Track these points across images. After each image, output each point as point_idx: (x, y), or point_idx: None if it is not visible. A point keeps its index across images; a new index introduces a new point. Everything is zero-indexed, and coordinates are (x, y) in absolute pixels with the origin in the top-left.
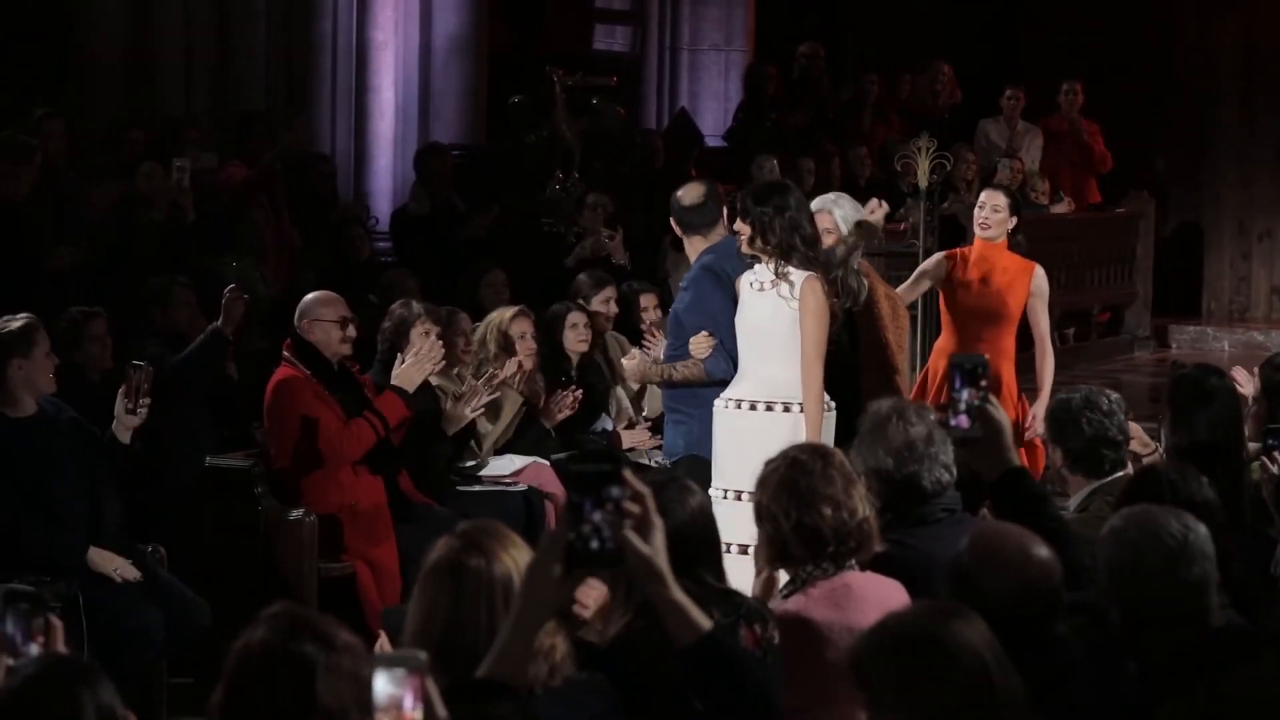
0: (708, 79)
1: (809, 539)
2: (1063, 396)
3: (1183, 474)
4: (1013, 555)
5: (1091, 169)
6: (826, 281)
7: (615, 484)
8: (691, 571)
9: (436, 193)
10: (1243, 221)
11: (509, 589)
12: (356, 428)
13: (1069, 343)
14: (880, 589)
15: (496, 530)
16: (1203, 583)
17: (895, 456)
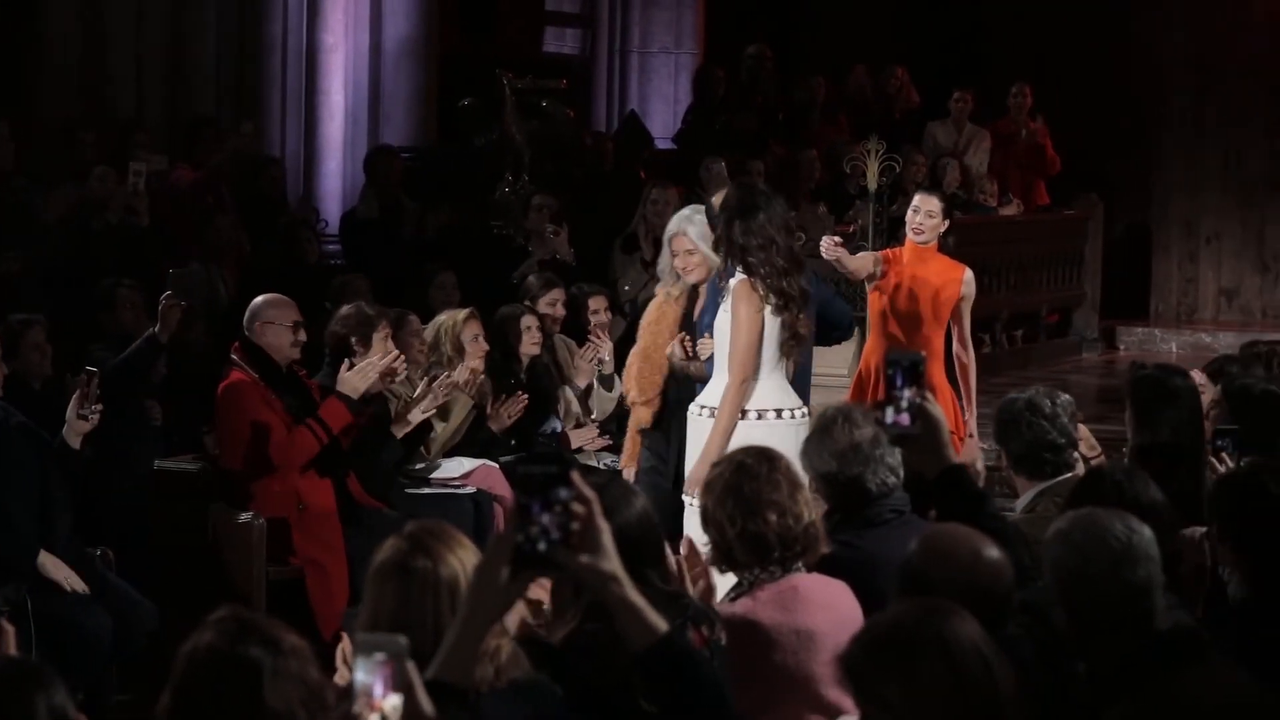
0: (657, 81)
1: (754, 546)
2: (1009, 397)
3: (1130, 475)
4: (964, 556)
5: (1040, 171)
6: (772, 288)
7: (563, 486)
8: (637, 573)
9: (386, 195)
10: (1190, 224)
11: (455, 590)
12: (299, 436)
13: (1017, 344)
14: (827, 591)
15: (443, 531)
16: (1147, 585)
17: (841, 459)
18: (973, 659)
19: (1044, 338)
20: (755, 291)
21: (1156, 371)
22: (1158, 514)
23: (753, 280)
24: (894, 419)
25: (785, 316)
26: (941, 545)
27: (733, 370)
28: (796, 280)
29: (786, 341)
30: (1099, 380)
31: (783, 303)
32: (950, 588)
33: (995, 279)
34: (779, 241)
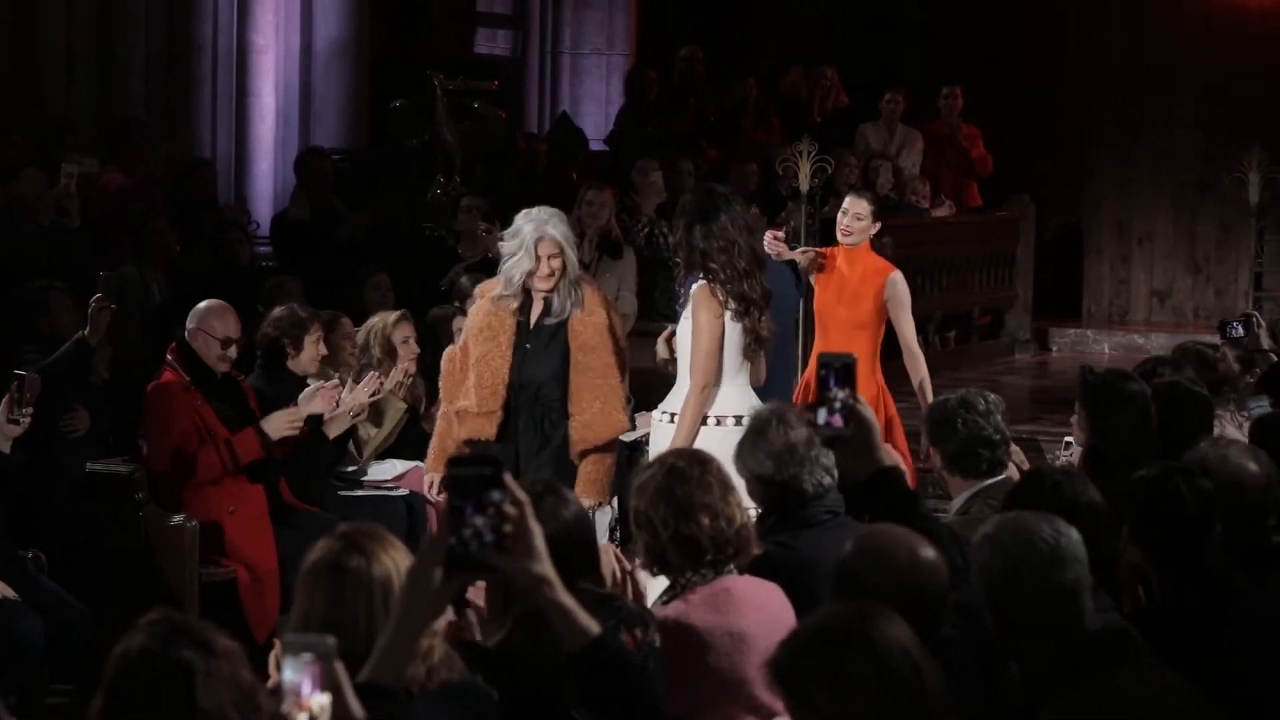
0: (589, 83)
1: (687, 548)
2: (940, 399)
3: (1069, 476)
4: (900, 556)
5: (971, 173)
6: (732, 293)
7: (495, 488)
8: (569, 577)
9: (317, 197)
10: (1122, 224)
11: (388, 590)
12: (205, 455)
13: (950, 345)
14: (759, 592)
15: (376, 532)
16: (1076, 587)
17: (776, 460)
18: (901, 661)
19: (977, 339)
20: (715, 297)
21: (1109, 376)
22: (1096, 515)
23: (712, 285)
24: (826, 420)
25: (746, 321)
26: (877, 546)
27: (694, 376)
28: (759, 281)
29: (749, 346)
30: (1032, 381)
31: (744, 307)
32: (886, 589)
33: (928, 280)
34: (740, 243)
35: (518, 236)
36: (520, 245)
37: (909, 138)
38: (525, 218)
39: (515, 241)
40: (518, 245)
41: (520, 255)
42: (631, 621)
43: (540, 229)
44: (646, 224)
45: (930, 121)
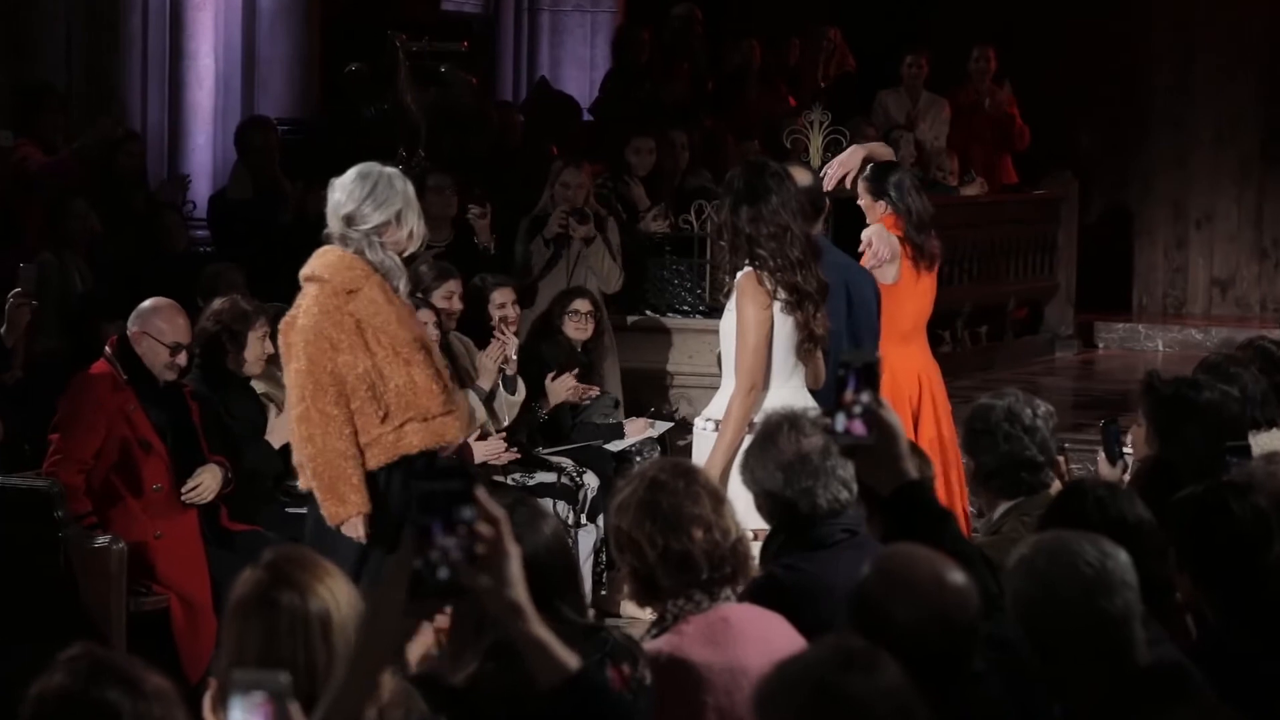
0: (571, 44)
1: (680, 567)
2: (984, 403)
3: (1112, 491)
4: (925, 581)
5: (1006, 145)
6: (782, 283)
7: (466, 505)
8: (549, 604)
9: (261, 174)
10: (1178, 204)
11: (327, 625)
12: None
13: (981, 342)
14: (761, 623)
15: (306, 559)
16: (1125, 615)
17: (787, 471)
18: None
19: (1011, 335)
20: (762, 286)
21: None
22: (1144, 535)
23: (760, 273)
24: (845, 426)
25: (798, 315)
26: (899, 569)
27: (739, 376)
28: (814, 273)
29: (802, 344)
30: (1075, 383)
31: (795, 299)
32: (908, 618)
33: (956, 268)
34: (794, 229)
35: (395, 194)
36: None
37: (934, 106)
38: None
39: (396, 201)
40: (403, 205)
41: (415, 215)
42: (618, 655)
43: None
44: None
45: (958, 87)
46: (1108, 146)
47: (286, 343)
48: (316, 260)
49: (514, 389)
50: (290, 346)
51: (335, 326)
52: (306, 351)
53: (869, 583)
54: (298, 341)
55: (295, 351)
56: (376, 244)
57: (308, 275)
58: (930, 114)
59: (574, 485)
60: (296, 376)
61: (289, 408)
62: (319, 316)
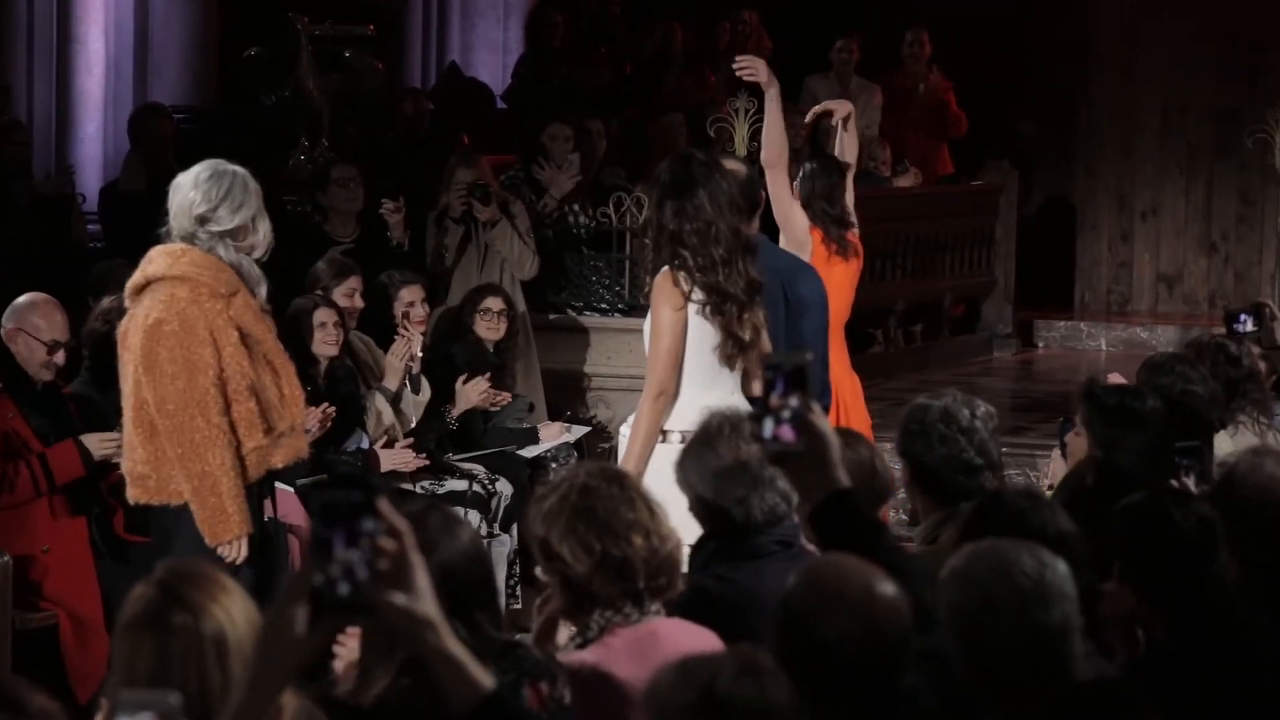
0: (483, 27)
1: (619, 573)
2: (919, 403)
3: (1034, 501)
4: (854, 593)
5: (942, 134)
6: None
7: (369, 516)
8: (465, 617)
9: (155, 165)
10: (1123, 196)
11: (222, 646)
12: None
13: (915, 341)
14: (691, 639)
15: (201, 575)
16: (1063, 628)
17: (724, 478)
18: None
19: (947, 334)
20: (678, 287)
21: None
22: (1068, 547)
23: (676, 274)
24: (773, 432)
25: (719, 318)
26: (827, 581)
27: (647, 382)
28: (741, 271)
29: (724, 347)
30: (1013, 384)
31: (715, 301)
32: (836, 632)
33: (889, 263)
34: (720, 225)
35: (249, 197)
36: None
37: (865, 92)
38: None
39: (250, 200)
40: (258, 205)
41: (264, 220)
42: (537, 674)
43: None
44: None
45: (891, 73)
46: (1049, 134)
47: (150, 348)
48: (174, 260)
49: (418, 388)
50: (158, 352)
51: (220, 331)
52: (187, 357)
53: (794, 594)
54: (173, 346)
55: (169, 356)
56: (230, 247)
57: (173, 275)
58: (861, 101)
59: (486, 493)
60: (173, 384)
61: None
62: (199, 319)
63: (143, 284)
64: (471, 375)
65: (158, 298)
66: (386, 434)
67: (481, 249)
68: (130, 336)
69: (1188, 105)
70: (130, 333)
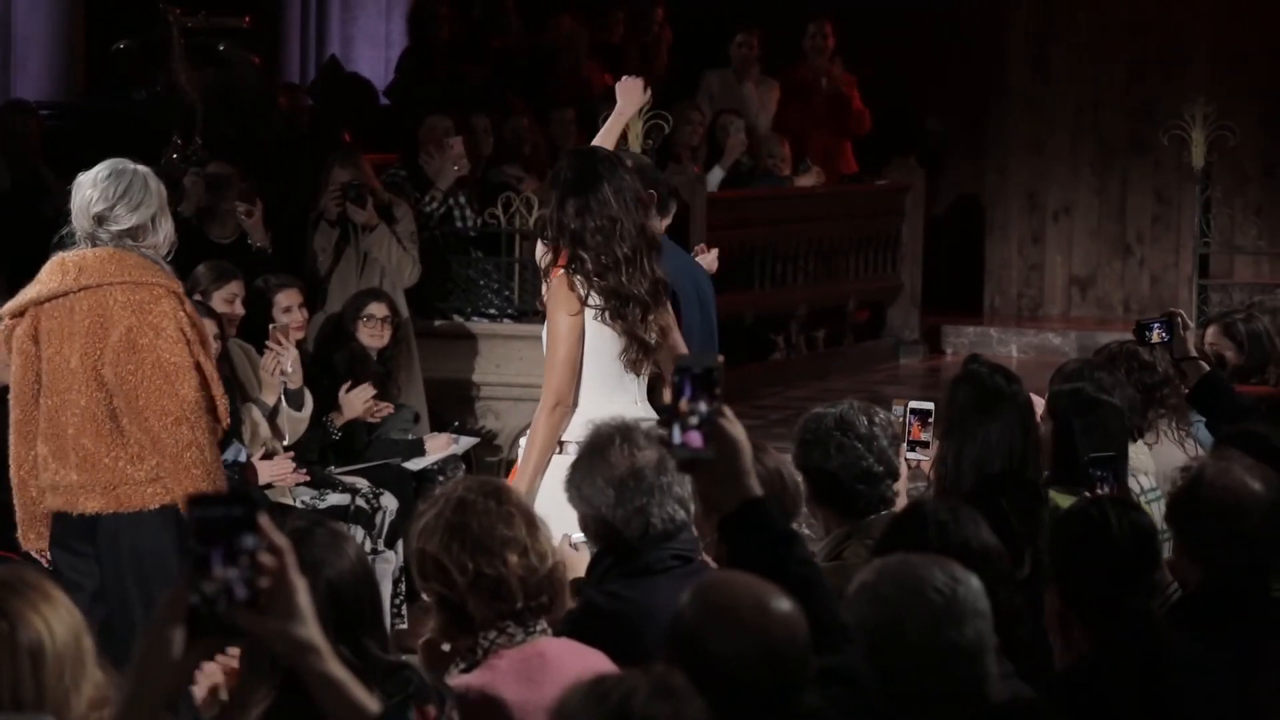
0: (364, 20)
1: (493, 594)
2: (815, 412)
3: (955, 514)
4: (747, 610)
5: (845, 130)
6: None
7: (248, 532)
8: (350, 638)
9: (20, 163)
10: (1034, 195)
11: (38, 658)
12: None
13: (818, 347)
14: (581, 659)
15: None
16: (977, 647)
17: (618, 488)
18: None
19: (852, 339)
20: (574, 292)
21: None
22: (990, 561)
23: (572, 278)
24: (682, 439)
25: (620, 323)
26: (718, 597)
27: (544, 392)
28: (645, 271)
29: (627, 352)
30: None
31: (617, 304)
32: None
33: (790, 265)
34: (626, 222)
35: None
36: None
37: (764, 87)
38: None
39: (150, 196)
40: (159, 200)
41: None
42: (423, 696)
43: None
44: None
45: (792, 67)
46: (957, 131)
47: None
48: (120, 264)
49: (300, 404)
50: (182, 363)
51: (196, 330)
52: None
53: (685, 614)
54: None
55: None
56: (132, 248)
57: (159, 283)
58: (759, 96)
59: (370, 508)
60: (198, 398)
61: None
62: (193, 329)
63: (77, 289)
64: (355, 384)
65: (121, 295)
66: (264, 446)
67: (360, 253)
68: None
69: (1100, 101)
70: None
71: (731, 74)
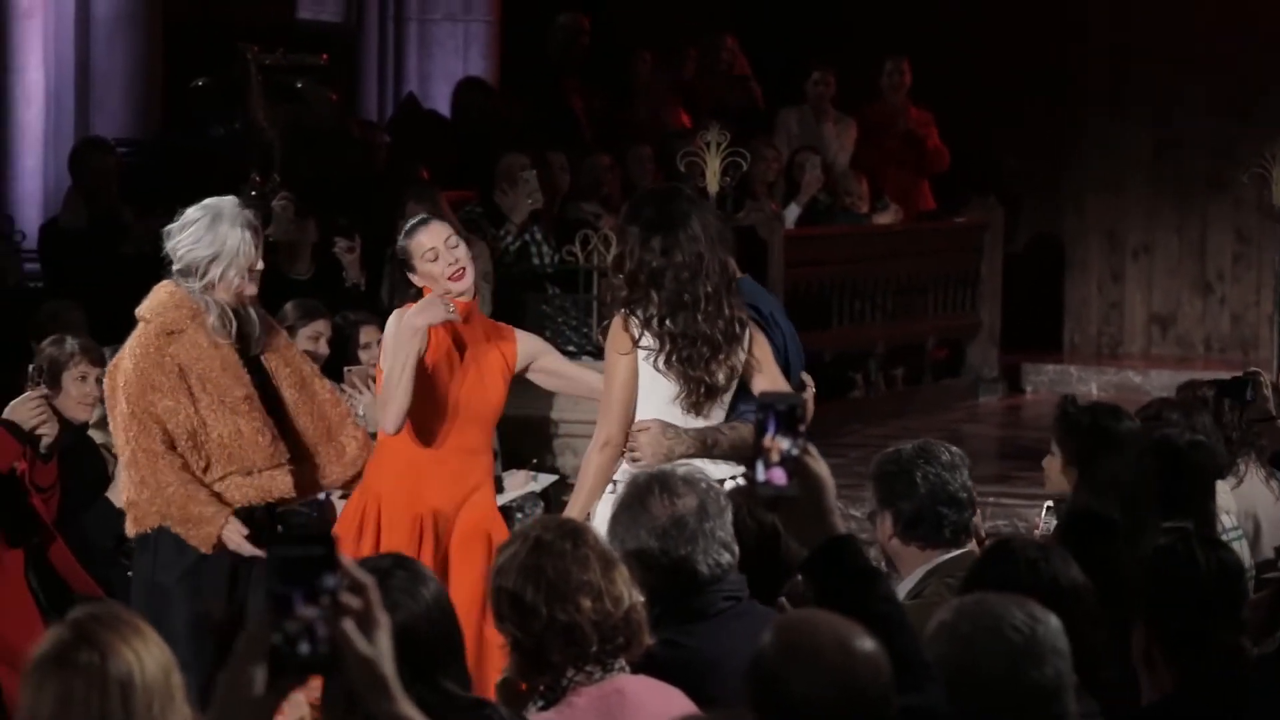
0: (442, 57)
1: (567, 640)
2: (889, 451)
3: (1044, 551)
4: (829, 650)
5: (923, 169)
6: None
7: (330, 571)
8: (429, 678)
9: (98, 201)
10: (1113, 233)
11: (128, 690)
12: None
13: (896, 386)
14: (660, 698)
15: (117, 618)
16: (1056, 687)
17: (662, 537)
18: None
19: (930, 378)
20: (626, 332)
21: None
22: (1079, 600)
23: (627, 319)
24: (765, 476)
25: (681, 367)
26: (800, 637)
27: (596, 431)
28: (725, 309)
29: (689, 395)
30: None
31: (683, 346)
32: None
33: (868, 304)
34: (710, 259)
35: (217, 233)
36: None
37: (841, 125)
38: (212, 210)
39: (215, 239)
40: (222, 243)
41: (236, 253)
42: None
43: (243, 217)
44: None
45: (870, 105)
46: (1036, 169)
47: (111, 385)
48: (148, 298)
49: None
50: (114, 390)
51: (156, 368)
52: (127, 393)
53: (767, 655)
54: (120, 384)
55: (118, 394)
56: (182, 284)
57: (138, 313)
58: (837, 134)
59: None
60: (121, 419)
61: (119, 454)
62: (140, 358)
63: None
64: None
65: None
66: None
67: None
68: None
69: (1180, 139)
70: None
71: (809, 111)
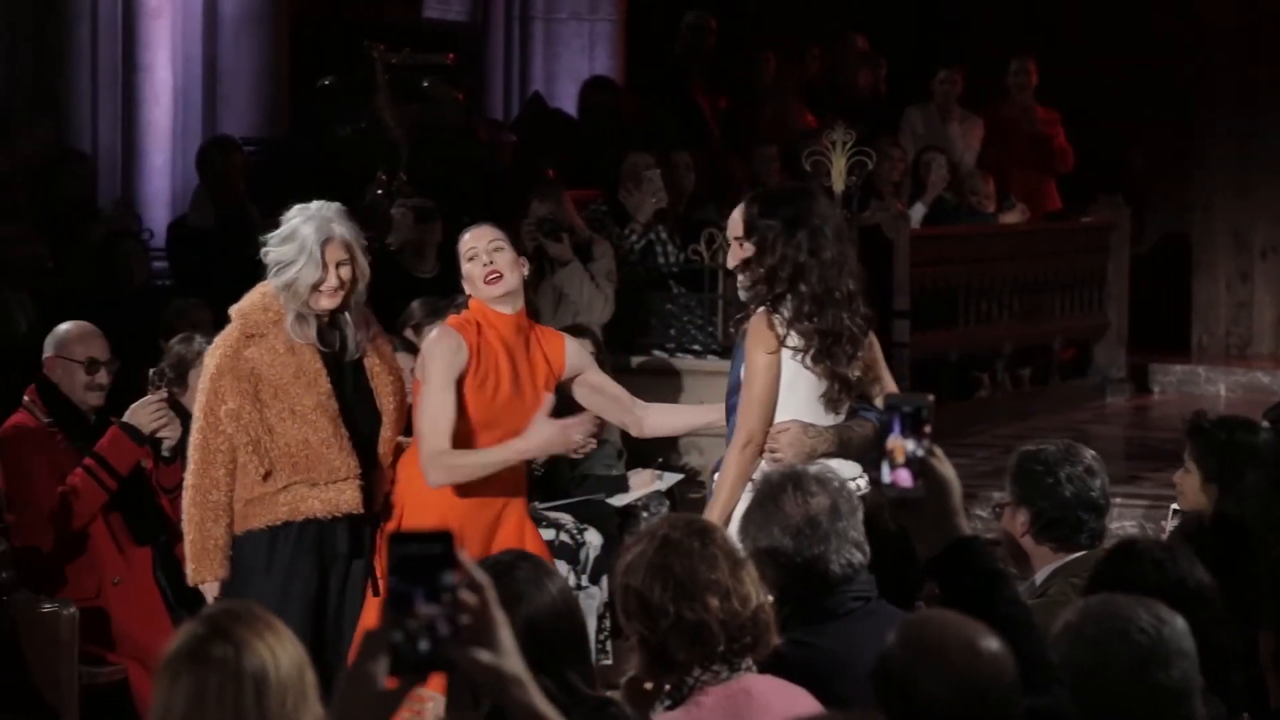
0: (567, 56)
1: (694, 638)
2: (1030, 448)
3: (1170, 552)
4: (955, 650)
5: (1049, 168)
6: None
7: (448, 569)
8: (554, 671)
9: (225, 199)
10: (1241, 233)
11: (262, 684)
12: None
13: (1024, 386)
14: (787, 698)
15: (250, 613)
16: (1183, 689)
17: (795, 536)
18: None
19: (1058, 378)
20: (772, 330)
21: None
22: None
23: (771, 316)
24: (891, 478)
25: (827, 363)
26: (927, 637)
27: (737, 429)
28: (860, 306)
29: (829, 391)
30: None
31: (828, 343)
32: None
33: (994, 304)
34: (851, 256)
35: (295, 239)
36: (301, 249)
37: (968, 124)
38: (303, 214)
39: (293, 246)
40: (296, 250)
41: (304, 263)
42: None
43: (325, 228)
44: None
45: (996, 104)
46: (1162, 168)
47: (200, 381)
48: (245, 296)
49: None
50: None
51: (231, 372)
52: (204, 396)
53: (893, 654)
54: (200, 385)
55: (198, 395)
56: (275, 283)
57: (230, 311)
58: (963, 133)
59: (575, 544)
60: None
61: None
62: (220, 358)
63: None
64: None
65: None
66: None
67: (555, 288)
68: None
69: None
70: None
71: (934, 110)
